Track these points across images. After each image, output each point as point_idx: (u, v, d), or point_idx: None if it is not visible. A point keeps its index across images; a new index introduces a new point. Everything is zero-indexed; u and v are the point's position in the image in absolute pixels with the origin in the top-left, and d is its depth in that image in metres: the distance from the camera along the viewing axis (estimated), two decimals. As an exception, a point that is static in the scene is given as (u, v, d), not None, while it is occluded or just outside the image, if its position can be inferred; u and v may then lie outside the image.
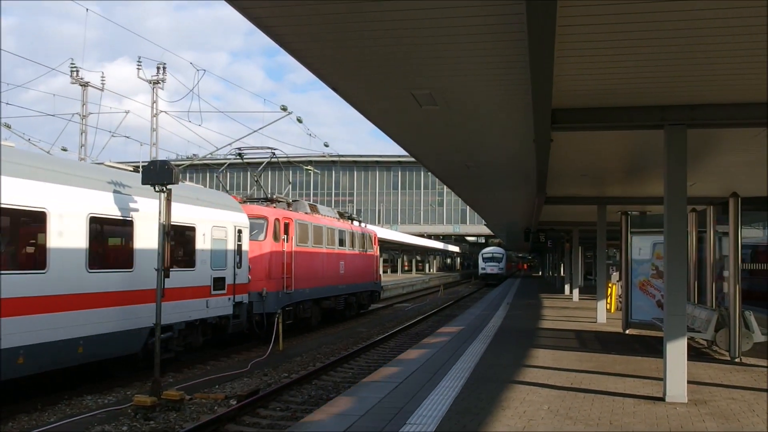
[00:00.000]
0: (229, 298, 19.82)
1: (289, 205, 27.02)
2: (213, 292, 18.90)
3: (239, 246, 20.53)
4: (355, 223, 34.74)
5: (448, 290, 63.18)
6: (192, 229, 18.07)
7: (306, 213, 27.25)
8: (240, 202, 22.62)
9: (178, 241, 17.26)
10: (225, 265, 19.68)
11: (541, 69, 7.52)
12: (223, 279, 19.48)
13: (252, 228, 21.95)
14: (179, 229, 17.06)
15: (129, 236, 15.46)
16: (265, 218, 23.27)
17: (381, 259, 36.74)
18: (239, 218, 20.75)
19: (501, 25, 6.91)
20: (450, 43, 7.56)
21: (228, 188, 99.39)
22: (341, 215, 32.82)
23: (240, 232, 20.62)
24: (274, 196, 27.05)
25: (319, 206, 30.21)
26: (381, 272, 39.71)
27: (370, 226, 39.99)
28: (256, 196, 28.12)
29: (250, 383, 15.91)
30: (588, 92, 9.79)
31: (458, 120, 11.63)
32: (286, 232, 24.08)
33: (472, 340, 17.37)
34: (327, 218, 29.52)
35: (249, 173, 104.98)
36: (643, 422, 8.91)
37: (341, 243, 30.47)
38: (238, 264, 20.46)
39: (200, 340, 18.57)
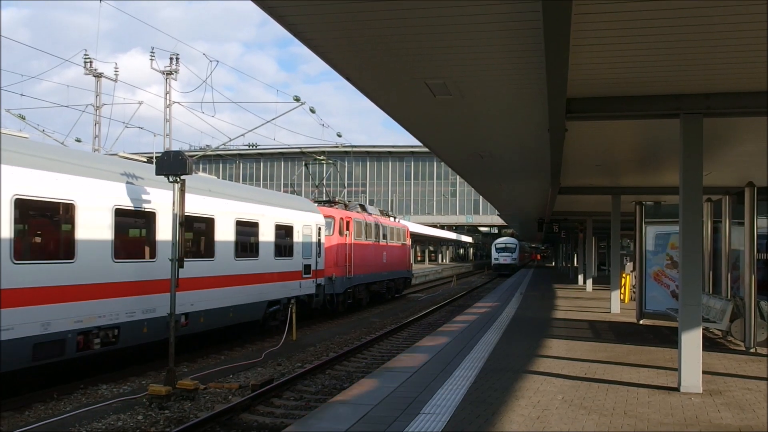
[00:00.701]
0: (314, 281, 25.33)
1: (345, 206, 32.55)
2: (303, 276, 24.34)
3: (319, 240, 26.04)
4: (392, 218, 40.69)
5: (461, 281, 63.14)
6: (291, 228, 23.54)
7: (358, 212, 32.69)
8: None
9: (284, 237, 22.96)
10: (311, 255, 25.05)
11: (557, 58, 7.47)
12: (309, 266, 24.87)
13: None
14: (286, 228, 23.09)
15: (256, 233, 20.98)
16: (333, 218, 28.76)
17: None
18: (318, 218, 26.35)
19: (516, 13, 6.87)
20: (464, 32, 7.53)
21: (242, 179, 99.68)
22: (382, 213, 38.90)
23: (319, 229, 26.17)
24: (336, 198, 34.62)
25: (366, 206, 36.36)
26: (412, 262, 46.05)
27: (403, 221, 46.30)
28: (319, 198, 35.13)
29: (264, 373, 15.97)
30: (603, 81, 9.74)
31: (472, 109, 11.59)
32: (347, 228, 29.78)
33: (486, 330, 17.36)
34: (373, 216, 35.15)
35: (261, 164, 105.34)
36: (657, 412, 8.89)
37: (384, 237, 36.16)
38: (318, 254, 25.92)
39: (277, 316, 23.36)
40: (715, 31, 7.43)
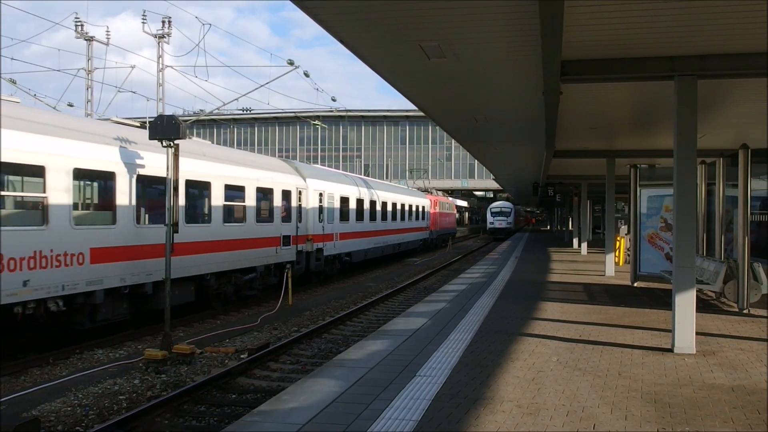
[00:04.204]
0: (428, 232, 51.70)
1: (430, 192, 59.91)
2: (426, 230, 51.25)
3: (428, 212, 52.37)
4: (445, 196, 69.26)
5: (456, 245, 63.25)
6: (424, 207, 50.91)
7: (436, 196, 59.57)
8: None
9: (420, 210, 49.39)
10: (426, 219, 51.50)
11: (552, 19, 7.41)
12: (427, 224, 51.70)
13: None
14: (423, 206, 50.91)
15: (416, 209, 48.14)
16: (430, 200, 54.66)
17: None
18: (427, 201, 52.67)
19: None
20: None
21: (236, 144, 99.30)
22: (443, 193, 70.64)
23: (428, 206, 52.46)
24: (429, 189, 63.28)
25: (435, 190, 66.58)
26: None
27: (450, 198, 75.23)
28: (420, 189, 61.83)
29: (261, 337, 16.04)
30: (598, 43, 9.67)
31: (467, 72, 11.51)
32: (435, 206, 56.32)
33: (481, 294, 17.43)
34: (441, 197, 63.38)
35: (256, 129, 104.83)
36: (651, 373, 8.96)
37: (446, 208, 62.58)
38: (429, 219, 52.63)
39: (420, 247, 49.71)
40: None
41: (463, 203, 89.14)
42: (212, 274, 18.51)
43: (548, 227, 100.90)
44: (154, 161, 15.77)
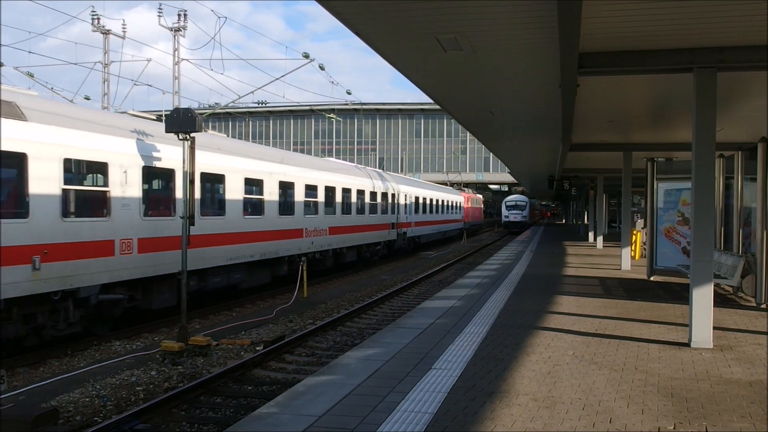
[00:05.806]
0: (462, 223, 63.17)
1: (462, 189, 71.63)
2: (461, 221, 63.12)
3: (462, 206, 63.89)
4: (473, 192, 77.50)
5: (471, 238, 63.22)
6: (461, 202, 63.34)
7: (466, 193, 68.95)
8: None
9: (457, 205, 61.27)
10: (461, 212, 63.37)
11: (569, 10, 7.37)
12: (462, 216, 63.54)
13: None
14: (458, 201, 62.06)
15: (455, 204, 60.76)
16: (464, 197, 66.01)
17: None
18: (462, 198, 64.67)
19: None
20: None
21: (251, 137, 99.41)
22: (470, 189, 79.52)
23: (463, 202, 64.26)
24: (462, 187, 77.61)
25: (464, 188, 77.58)
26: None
27: (476, 193, 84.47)
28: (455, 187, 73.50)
29: (276, 329, 16.09)
30: (615, 34, 9.61)
31: (483, 65, 11.47)
32: (468, 202, 67.04)
33: (496, 288, 17.40)
34: (469, 193, 71.94)
35: (271, 122, 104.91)
36: (668, 367, 8.91)
37: (474, 203, 72.25)
38: (463, 212, 64.15)
39: (458, 235, 60.72)
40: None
41: (479, 197, 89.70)
42: (365, 245, 31.60)
43: (563, 221, 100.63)
44: (345, 180, 29.22)
